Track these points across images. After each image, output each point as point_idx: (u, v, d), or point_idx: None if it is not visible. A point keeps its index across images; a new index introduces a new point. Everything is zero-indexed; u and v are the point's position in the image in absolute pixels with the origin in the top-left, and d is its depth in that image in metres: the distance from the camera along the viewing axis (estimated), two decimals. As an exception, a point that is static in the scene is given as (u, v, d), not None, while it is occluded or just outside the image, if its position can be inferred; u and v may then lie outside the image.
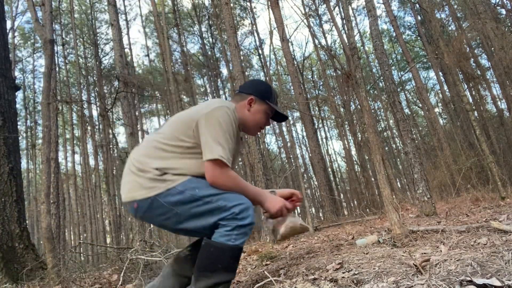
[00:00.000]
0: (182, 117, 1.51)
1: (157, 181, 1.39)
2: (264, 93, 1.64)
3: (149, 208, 1.39)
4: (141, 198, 1.39)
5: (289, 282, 1.33)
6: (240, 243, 1.38)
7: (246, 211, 1.37)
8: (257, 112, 1.62)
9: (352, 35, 2.69)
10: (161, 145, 1.45)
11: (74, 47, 15.00)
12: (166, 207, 1.38)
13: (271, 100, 1.64)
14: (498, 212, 2.71)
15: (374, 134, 2.40)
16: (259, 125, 1.65)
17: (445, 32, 11.69)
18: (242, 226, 1.35)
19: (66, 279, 2.43)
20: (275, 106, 1.65)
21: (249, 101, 1.61)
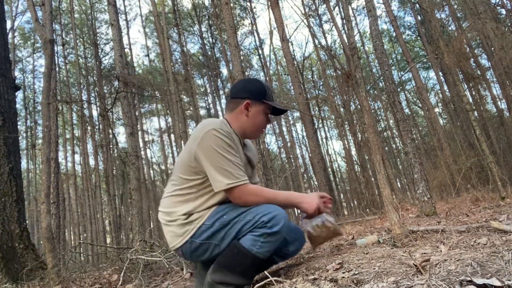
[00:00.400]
0: (182, 158, 1.50)
1: (186, 225, 1.43)
2: (259, 93, 1.55)
3: (192, 250, 1.45)
4: (180, 245, 1.45)
5: (289, 282, 1.33)
6: (264, 252, 1.36)
7: (274, 219, 1.34)
8: (256, 115, 1.55)
9: (352, 35, 2.69)
10: (177, 192, 1.48)
11: (74, 47, 15.00)
12: (204, 243, 1.42)
13: (267, 97, 1.55)
14: (498, 212, 2.71)
15: (374, 134, 2.40)
16: (261, 127, 1.59)
17: (445, 32, 11.69)
18: (270, 234, 1.34)
19: (66, 279, 2.43)
20: (273, 103, 1.57)
21: (245, 105, 1.54)
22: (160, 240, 3.98)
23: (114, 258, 3.25)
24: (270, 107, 1.57)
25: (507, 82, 9.12)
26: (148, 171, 18.94)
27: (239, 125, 1.55)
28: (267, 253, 1.39)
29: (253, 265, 1.37)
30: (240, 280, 1.36)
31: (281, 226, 1.35)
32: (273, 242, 1.37)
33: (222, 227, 1.40)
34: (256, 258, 1.36)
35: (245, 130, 1.57)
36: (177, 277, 2.36)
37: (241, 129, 1.56)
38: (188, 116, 17.18)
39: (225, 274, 1.36)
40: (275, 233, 1.34)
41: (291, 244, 1.64)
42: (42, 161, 2.90)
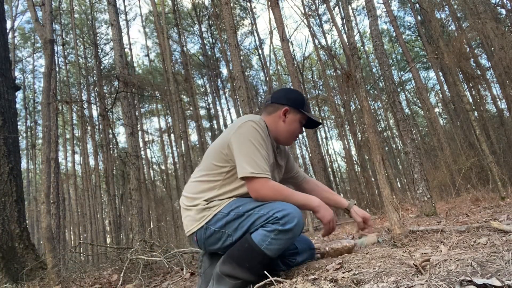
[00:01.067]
0: (214, 145, 1.55)
1: (205, 210, 1.46)
2: (298, 102, 1.62)
3: (206, 237, 1.47)
4: (196, 230, 1.48)
5: (289, 282, 1.33)
6: (273, 249, 1.36)
7: (288, 217, 1.34)
8: (292, 122, 1.61)
9: (352, 35, 2.69)
10: (204, 178, 1.52)
11: (74, 47, 15.00)
12: (218, 231, 1.44)
13: (304, 108, 1.62)
14: (498, 212, 2.71)
15: (374, 134, 2.40)
16: (294, 135, 1.64)
17: (445, 32, 11.69)
18: (281, 231, 1.33)
19: (66, 279, 2.43)
20: (310, 114, 1.63)
21: (284, 111, 1.59)
22: (160, 240, 3.98)
23: (114, 258, 3.24)
24: (306, 117, 1.63)
25: (507, 82, 9.12)
26: (148, 171, 18.94)
27: (274, 129, 1.61)
28: (277, 251, 1.37)
29: (261, 262, 1.37)
30: (247, 276, 1.37)
31: (294, 225, 1.33)
32: (284, 240, 1.36)
33: (236, 218, 1.42)
34: (265, 255, 1.36)
35: (279, 135, 1.62)
36: (177, 277, 2.36)
37: (276, 133, 1.61)
38: (188, 116, 17.18)
39: (233, 267, 1.38)
40: (287, 231, 1.34)
41: (300, 255, 1.64)
42: (42, 161, 2.90)
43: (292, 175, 1.82)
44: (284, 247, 1.39)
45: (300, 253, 1.64)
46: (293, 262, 1.63)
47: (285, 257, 1.62)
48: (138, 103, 15.32)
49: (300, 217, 1.37)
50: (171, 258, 2.82)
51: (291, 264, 1.63)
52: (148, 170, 18.93)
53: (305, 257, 1.66)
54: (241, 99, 5.68)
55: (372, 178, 12.27)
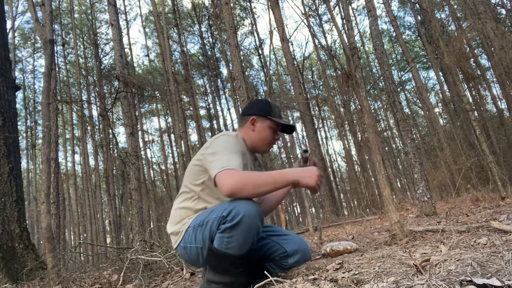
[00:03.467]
0: (189, 165, 1.60)
1: (180, 230, 1.52)
2: (264, 109, 1.65)
3: (186, 254, 1.51)
4: (176, 250, 1.56)
5: (289, 282, 1.33)
6: (234, 247, 1.33)
7: (233, 211, 1.30)
8: (262, 130, 1.64)
9: (352, 35, 2.69)
10: (181, 204, 1.57)
11: (74, 47, 14.99)
12: (192, 247, 1.46)
13: (272, 114, 1.64)
14: (498, 212, 2.71)
15: (374, 134, 2.40)
16: (267, 141, 1.66)
17: (445, 32, 11.68)
18: (231, 228, 1.30)
19: (66, 279, 2.43)
20: (278, 119, 1.65)
21: (251, 121, 1.64)
22: (160, 240, 3.98)
23: (114, 258, 3.24)
24: (275, 123, 1.65)
25: (507, 82, 9.12)
26: (148, 171, 18.94)
27: (248, 140, 1.65)
28: (239, 247, 1.34)
29: (232, 263, 1.37)
30: (227, 279, 1.40)
31: (241, 217, 1.28)
32: (239, 235, 1.31)
33: (199, 229, 1.43)
34: (230, 256, 1.35)
35: (254, 144, 1.66)
36: (177, 277, 2.36)
37: (250, 142, 1.66)
38: (188, 116, 17.17)
39: (213, 274, 1.42)
40: (235, 225, 1.30)
41: (291, 257, 1.61)
42: (42, 161, 2.90)
43: None
44: (247, 241, 1.34)
45: (290, 255, 1.61)
46: (285, 265, 1.62)
47: (276, 261, 1.62)
48: (138, 103, 15.31)
49: (248, 209, 1.30)
50: (171, 258, 2.82)
51: (285, 266, 1.62)
52: (148, 170, 18.93)
53: (297, 259, 1.63)
54: (241, 99, 5.68)
55: (372, 178, 12.27)
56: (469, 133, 10.62)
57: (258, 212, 1.33)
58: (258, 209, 1.34)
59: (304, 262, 1.66)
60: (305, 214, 14.19)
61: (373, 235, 2.73)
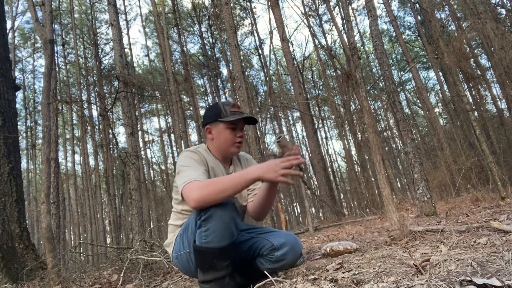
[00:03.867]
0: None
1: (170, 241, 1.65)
2: (212, 114, 1.66)
3: (180, 264, 1.60)
4: (172, 261, 1.65)
5: (289, 282, 1.33)
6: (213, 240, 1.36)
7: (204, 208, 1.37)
8: (219, 134, 1.64)
9: (352, 35, 2.69)
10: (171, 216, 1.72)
11: (74, 47, 14.99)
12: (183, 254, 1.56)
13: (221, 115, 1.62)
14: (498, 212, 2.71)
15: (374, 134, 2.40)
16: (229, 141, 1.64)
17: (445, 32, 11.68)
18: (204, 221, 1.35)
19: (66, 279, 2.43)
20: (228, 117, 1.60)
21: (207, 130, 1.68)
22: (160, 240, 3.98)
23: (114, 258, 3.24)
24: (229, 122, 1.62)
25: (507, 82, 9.12)
26: (148, 171, 18.94)
27: (212, 148, 1.69)
28: (219, 239, 1.36)
29: (216, 257, 1.40)
30: (215, 274, 1.42)
31: (213, 209, 1.33)
32: (214, 226, 1.34)
33: (184, 234, 1.55)
34: (213, 250, 1.38)
35: (220, 150, 1.68)
36: (177, 277, 2.36)
37: (216, 150, 1.69)
38: (188, 116, 17.17)
39: (202, 274, 1.45)
40: (209, 217, 1.34)
41: (278, 250, 1.61)
42: (42, 161, 2.90)
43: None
44: (224, 232, 1.36)
45: (278, 248, 1.62)
46: (272, 258, 1.62)
47: (265, 255, 1.63)
48: (138, 103, 15.31)
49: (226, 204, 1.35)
50: (170, 257, 2.81)
51: (272, 259, 1.62)
52: (148, 170, 18.93)
53: (285, 251, 1.62)
54: (241, 99, 5.68)
55: (372, 178, 12.27)
56: (469, 133, 10.62)
57: (230, 202, 1.39)
58: (231, 200, 1.40)
59: (294, 254, 1.66)
60: (305, 214, 14.18)
61: (373, 235, 2.73)
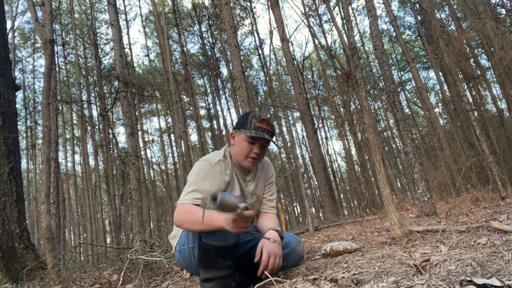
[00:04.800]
0: None
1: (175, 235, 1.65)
2: (239, 123, 1.66)
3: (183, 258, 1.60)
4: (174, 254, 1.67)
5: (289, 282, 1.33)
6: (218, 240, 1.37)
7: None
8: (239, 143, 1.64)
9: (352, 35, 2.69)
10: None
11: (74, 47, 15.00)
12: (186, 249, 1.55)
13: (246, 126, 1.60)
14: (498, 212, 2.71)
15: (374, 134, 2.40)
16: (244, 154, 1.62)
17: (445, 32, 11.68)
18: None
19: (66, 279, 2.43)
20: (249, 130, 1.58)
21: (231, 135, 1.70)
22: (160, 240, 3.98)
23: (114, 258, 3.24)
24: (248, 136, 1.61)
25: (507, 82, 9.12)
26: (148, 171, 18.94)
27: (232, 153, 1.69)
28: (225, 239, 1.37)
29: (220, 256, 1.40)
30: (217, 273, 1.42)
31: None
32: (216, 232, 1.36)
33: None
34: (219, 248, 1.39)
35: (236, 158, 1.68)
36: (177, 277, 2.36)
37: (234, 156, 1.68)
38: (188, 116, 17.17)
39: (205, 272, 1.45)
40: None
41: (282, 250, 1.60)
42: (42, 161, 2.90)
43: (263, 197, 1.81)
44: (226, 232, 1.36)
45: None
46: None
47: None
48: (138, 103, 15.31)
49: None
50: (171, 258, 2.82)
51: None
52: (148, 170, 18.93)
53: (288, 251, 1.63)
54: (241, 99, 5.68)
55: (372, 178, 12.27)
56: (469, 133, 10.62)
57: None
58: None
59: (296, 255, 1.68)
60: (305, 214, 14.18)
61: (373, 235, 2.73)
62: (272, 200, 1.81)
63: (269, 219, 1.74)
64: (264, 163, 1.82)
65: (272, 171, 1.86)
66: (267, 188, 1.82)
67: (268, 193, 1.81)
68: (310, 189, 20.96)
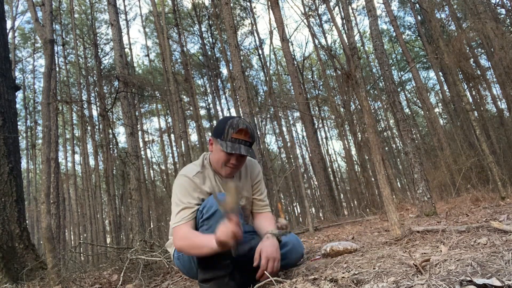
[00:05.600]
0: None
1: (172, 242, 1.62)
2: (216, 131, 1.55)
3: (181, 264, 1.59)
4: (173, 261, 1.65)
5: (289, 282, 1.33)
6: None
7: (207, 205, 1.42)
8: (216, 152, 1.56)
9: (352, 35, 2.69)
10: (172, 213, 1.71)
11: (74, 47, 14.99)
12: (184, 255, 1.55)
13: (222, 137, 1.50)
14: (498, 212, 2.71)
15: (374, 134, 2.40)
16: (221, 163, 1.56)
17: (445, 32, 11.68)
18: (207, 219, 1.40)
19: (66, 279, 2.43)
20: (225, 143, 1.49)
21: (209, 141, 1.62)
22: (160, 240, 3.98)
23: (114, 258, 3.24)
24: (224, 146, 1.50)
25: (507, 82, 9.12)
26: (148, 171, 18.94)
27: (211, 160, 1.63)
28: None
29: (217, 256, 1.38)
30: (214, 274, 1.43)
31: (216, 208, 1.37)
32: (216, 226, 1.31)
33: None
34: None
35: (214, 165, 1.62)
36: (177, 277, 2.36)
37: (212, 163, 1.62)
38: (188, 116, 17.17)
39: (203, 273, 1.46)
40: (211, 216, 1.39)
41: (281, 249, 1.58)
42: (42, 161, 2.90)
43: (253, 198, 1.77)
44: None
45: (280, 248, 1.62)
46: None
47: None
48: (138, 103, 15.30)
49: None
50: (171, 258, 2.82)
51: None
52: (148, 170, 18.93)
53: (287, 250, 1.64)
54: (241, 99, 5.68)
55: (372, 178, 12.26)
56: (469, 133, 10.62)
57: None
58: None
59: (296, 254, 1.69)
60: (305, 214, 14.18)
61: (373, 235, 2.73)
62: (263, 199, 1.76)
63: (265, 220, 1.70)
64: (247, 164, 1.74)
65: (257, 170, 1.77)
66: (255, 187, 1.75)
67: (257, 193, 1.75)
68: (310, 189, 20.96)
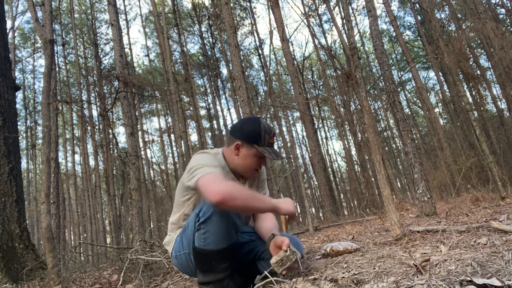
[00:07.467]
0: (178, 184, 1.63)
1: (170, 241, 1.61)
2: (252, 136, 1.52)
3: (180, 264, 1.57)
4: (172, 261, 1.63)
5: (289, 282, 1.32)
6: (212, 242, 1.35)
7: (204, 208, 1.35)
8: (246, 157, 1.54)
9: (352, 35, 2.69)
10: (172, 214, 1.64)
11: (74, 47, 14.99)
12: (182, 255, 1.52)
13: (260, 143, 1.51)
14: (498, 212, 2.71)
15: (374, 134, 2.40)
16: (252, 168, 1.57)
17: (445, 32, 11.68)
18: (204, 223, 1.35)
19: (66, 279, 2.43)
20: (264, 150, 1.51)
21: (236, 146, 1.53)
22: (160, 240, 3.98)
23: (114, 258, 3.24)
24: (267, 153, 1.52)
25: (507, 82, 9.12)
26: (148, 171, 18.93)
27: (231, 161, 1.58)
28: (217, 242, 1.36)
29: (214, 259, 1.39)
30: (215, 276, 1.41)
31: (212, 210, 1.31)
32: (213, 229, 1.33)
33: (183, 235, 1.50)
34: (212, 252, 1.37)
35: (236, 168, 1.59)
36: (177, 277, 2.36)
37: (232, 165, 1.59)
38: (188, 116, 17.17)
39: (202, 275, 1.44)
40: (208, 219, 1.33)
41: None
42: (42, 161, 2.90)
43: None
44: (223, 234, 1.36)
45: None
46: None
47: (266, 259, 1.59)
48: (138, 103, 15.31)
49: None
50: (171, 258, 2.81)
51: None
52: (148, 170, 18.93)
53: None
54: (241, 99, 5.68)
55: (372, 178, 12.26)
56: (469, 133, 10.62)
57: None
58: None
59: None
60: (305, 214, 14.17)
61: (373, 235, 2.73)
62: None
63: (266, 221, 1.69)
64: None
65: (264, 176, 1.81)
66: (260, 186, 1.77)
67: (261, 192, 1.75)
68: (310, 189, 20.95)
